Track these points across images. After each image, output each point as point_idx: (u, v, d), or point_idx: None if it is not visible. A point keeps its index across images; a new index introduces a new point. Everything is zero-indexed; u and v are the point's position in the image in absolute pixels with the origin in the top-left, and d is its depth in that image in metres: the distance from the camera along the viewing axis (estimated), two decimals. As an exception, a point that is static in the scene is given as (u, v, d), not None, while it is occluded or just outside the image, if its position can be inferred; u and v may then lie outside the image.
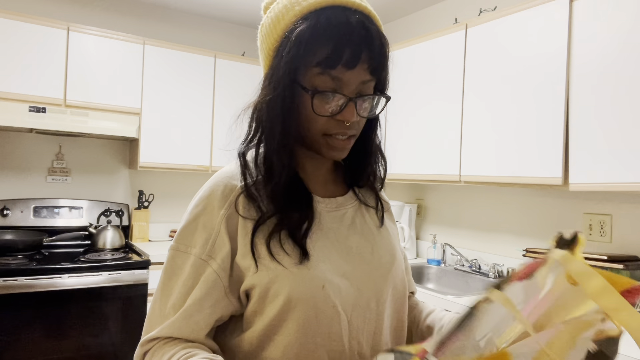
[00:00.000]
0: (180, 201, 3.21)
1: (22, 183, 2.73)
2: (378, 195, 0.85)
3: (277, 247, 0.68)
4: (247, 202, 0.70)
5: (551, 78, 1.82)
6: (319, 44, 0.64)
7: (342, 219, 0.77)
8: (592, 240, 1.99)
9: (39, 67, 2.45)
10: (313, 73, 0.66)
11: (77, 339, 2.22)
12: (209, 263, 0.68)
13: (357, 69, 0.65)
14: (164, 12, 3.18)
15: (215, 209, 0.70)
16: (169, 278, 0.70)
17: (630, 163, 1.58)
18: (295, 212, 0.70)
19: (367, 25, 0.66)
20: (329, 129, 0.69)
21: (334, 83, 0.66)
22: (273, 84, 0.68)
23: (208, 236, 0.69)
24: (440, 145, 2.31)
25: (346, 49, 0.64)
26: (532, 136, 1.89)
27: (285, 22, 0.68)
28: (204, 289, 0.67)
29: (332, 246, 0.72)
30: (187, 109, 2.90)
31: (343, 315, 0.69)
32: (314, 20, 0.65)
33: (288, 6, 0.68)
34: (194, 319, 0.67)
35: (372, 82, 0.69)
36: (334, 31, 0.64)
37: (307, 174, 0.77)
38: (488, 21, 2.09)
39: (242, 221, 0.69)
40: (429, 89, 2.39)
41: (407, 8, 2.96)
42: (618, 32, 1.63)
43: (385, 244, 0.80)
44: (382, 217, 0.83)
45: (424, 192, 2.90)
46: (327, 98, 0.67)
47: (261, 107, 0.70)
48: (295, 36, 0.66)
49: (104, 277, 2.30)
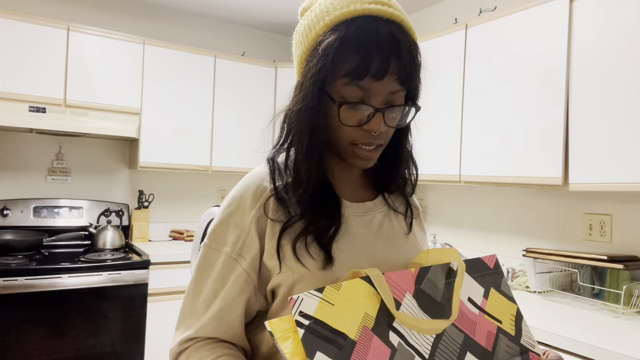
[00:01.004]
0: (180, 201, 3.21)
1: (22, 183, 2.73)
2: (408, 201, 0.85)
3: (303, 250, 0.69)
4: (277, 205, 0.71)
5: (551, 78, 1.82)
6: (347, 55, 0.65)
7: (370, 224, 0.77)
8: (592, 240, 1.99)
9: (39, 67, 2.45)
10: (341, 83, 0.66)
11: (77, 339, 2.23)
12: (239, 262, 0.70)
13: (385, 80, 0.65)
14: (164, 12, 3.18)
15: (246, 209, 0.71)
16: (200, 274, 0.72)
17: (630, 163, 1.58)
18: (323, 217, 0.71)
19: (397, 36, 0.66)
20: (356, 139, 0.69)
21: (362, 93, 0.66)
22: (303, 92, 0.69)
23: (239, 235, 0.70)
24: (440, 145, 2.31)
25: (374, 60, 0.64)
26: (532, 136, 1.89)
27: (317, 32, 0.69)
28: (237, 288, 0.69)
29: (358, 251, 0.73)
30: (187, 109, 2.90)
31: None
32: (343, 31, 0.66)
33: (319, 15, 0.69)
34: (229, 317, 0.69)
35: (402, 92, 0.69)
36: (362, 42, 0.64)
37: (336, 179, 0.78)
38: (488, 21, 2.09)
39: (270, 223, 0.70)
40: (429, 88, 2.39)
41: (407, 8, 2.96)
42: (618, 32, 1.63)
43: (412, 250, 0.81)
44: (411, 224, 0.84)
45: (424, 192, 2.90)
46: (354, 108, 0.67)
47: (291, 115, 0.71)
48: (324, 48, 0.66)
49: (104, 277, 2.30)
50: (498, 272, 0.75)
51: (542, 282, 1.97)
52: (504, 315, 0.70)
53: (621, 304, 1.70)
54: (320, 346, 0.52)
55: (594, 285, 1.87)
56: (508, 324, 0.69)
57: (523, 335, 0.70)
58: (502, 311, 0.70)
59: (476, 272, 0.72)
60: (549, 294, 1.97)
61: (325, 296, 0.56)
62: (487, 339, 0.66)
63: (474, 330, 0.65)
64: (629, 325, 1.56)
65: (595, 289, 1.88)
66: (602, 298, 1.83)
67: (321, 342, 0.52)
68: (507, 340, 0.67)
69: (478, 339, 0.65)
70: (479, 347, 0.64)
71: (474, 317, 0.66)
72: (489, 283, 0.72)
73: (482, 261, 0.74)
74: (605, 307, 1.77)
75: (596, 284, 1.87)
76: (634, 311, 1.72)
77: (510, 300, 0.73)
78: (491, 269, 0.74)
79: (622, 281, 1.75)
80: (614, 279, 1.78)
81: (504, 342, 0.67)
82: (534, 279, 1.97)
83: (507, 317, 0.70)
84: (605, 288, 1.80)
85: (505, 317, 0.70)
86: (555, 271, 2.00)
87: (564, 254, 1.83)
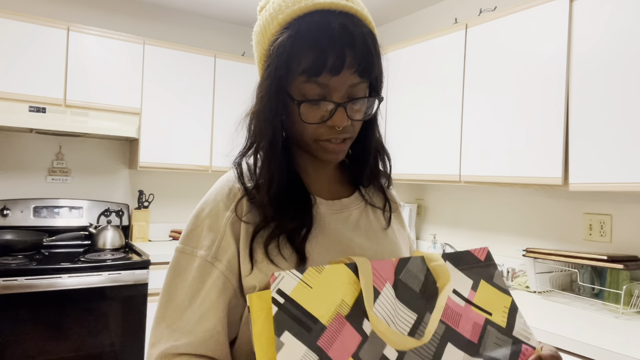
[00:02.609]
0: (180, 201, 3.21)
1: (22, 183, 2.73)
2: (386, 195, 0.84)
3: (275, 251, 0.68)
4: (250, 206, 0.70)
5: (551, 78, 1.82)
6: (302, 52, 0.64)
7: (347, 220, 0.76)
8: (592, 240, 1.99)
9: (39, 67, 2.45)
10: (300, 81, 0.65)
11: (77, 339, 2.22)
12: (215, 265, 0.68)
13: (343, 73, 0.64)
14: (164, 12, 3.18)
15: (220, 212, 0.70)
16: (173, 279, 0.70)
17: (630, 163, 1.58)
18: (294, 217, 0.69)
19: (350, 28, 0.64)
20: (321, 135, 0.69)
21: (321, 90, 0.65)
22: (262, 94, 0.68)
23: (214, 238, 0.69)
24: (440, 145, 2.31)
25: (329, 55, 0.63)
26: (532, 136, 1.89)
27: (271, 31, 0.68)
28: (215, 292, 0.67)
29: (334, 249, 0.72)
30: (187, 108, 2.90)
31: None
32: (295, 29, 0.65)
33: (273, 14, 0.68)
34: (210, 323, 0.66)
35: (363, 84, 0.68)
36: (315, 38, 0.63)
37: (309, 176, 0.77)
38: (488, 21, 2.09)
39: (244, 225, 0.69)
40: (429, 88, 2.39)
41: (407, 8, 2.96)
42: (618, 32, 1.63)
43: (391, 245, 0.79)
44: (389, 218, 0.83)
45: (424, 192, 2.90)
46: (315, 105, 0.66)
47: (252, 117, 0.71)
48: (278, 47, 0.65)
49: (104, 277, 2.30)
50: (490, 264, 0.75)
51: (542, 282, 1.97)
52: (495, 307, 0.69)
53: (621, 304, 1.70)
54: (290, 326, 0.53)
55: (594, 285, 1.87)
56: (499, 316, 0.69)
57: (516, 327, 0.69)
58: (494, 303, 0.70)
59: (464, 265, 0.71)
60: (549, 294, 1.97)
61: (305, 278, 0.56)
62: (473, 330, 0.65)
63: (458, 321, 0.65)
64: (629, 325, 1.56)
65: (595, 289, 1.88)
66: (602, 298, 1.83)
67: (292, 322, 0.53)
68: (496, 332, 0.67)
69: (461, 331, 0.64)
70: (462, 338, 0.63)
71: (459, 309, 0.66)
72: (479, 275, 0.72)
73: (472, 254, 0.73)
74: (605, 307, 1.77)
75: (596, 284, 1.87)
76: (634, 311, 1.72)
77: (504, 292, 0.72)
78: (482, 261, 0.74)
79: (622, 281, 1.76)
80: (614, 279, 1.78)
81: (493, 333, 0.66)
82: (534, 279, 1.97)
83: (498, 309, 0.69)
84: (605, 288, 1.80)
85: (496, 309, 0.69)
86: (555, 271, 2.00)
87: (564, 254, 1.83)
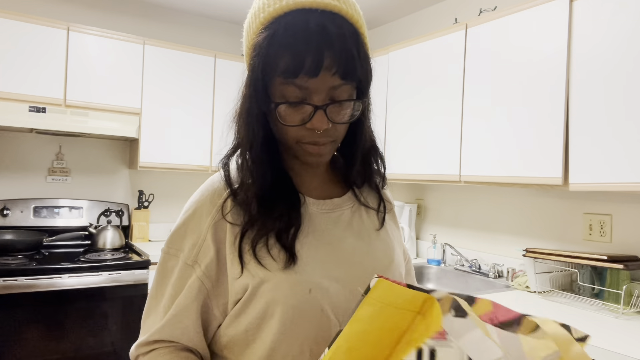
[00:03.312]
0: (180, 201, 3.21)
1: (22, 183, 2.73)
2: (380, 195, 0.82)
3: (264, 251, 0.67)
4: (235, 207, 0.69)
5: (551, 77, 1.82)
6: (279, 54, 0.62)
7: (338, 220, 0.75)
8: (592, 240, 1.99)
9: (39, 67, 2.45)
10: (278, 83, 0.63)
11: (77, 339, 2.22)
12: (194, 268, 0.69)
13: (321, 75, 0.61)
14: (164, 12, 3.18)
15: (203, 215, 0.70)
16: (161, 279, 0.72)
17: (630, 163, 1.58)
18: (282, 216, 0.68)
19: (329, 28, 0.61)
20: (302, 137, 0.66)
21: (301, 92, 0.63)
22: (243, 94, 0.68)
23: (195, 242, 0.69)
24: (440, 145, 2.31)
25: (306, 56, 0.60)
26: (532, 136, 1.89)
27: (254, 30, 0.66)
28: (189, 296, 0.68)
29: (324, 249, 0.71)
30: (187, 109, 2.90)
31: (334, 319, 0.67)
32: (273, 29, 0.63)
33: (256, 13, 0.66)
34: (183, 323, 0.68)
35: (346, 86, 0.64)
36: (292, 39, 0.61)
37: (299, 176, 0.76)
38: (488, 21, 2.09)
39: (230, 227, 0.68)
40: (429, 88, 2.39)
41: (407, 8, 2.96)
42: (618, 32, 1.63)
43: (383, 246, 0.78)
44: (383, 219, 0.81)
45: (424, 192, 2.90)
46: (295, 108, 0.64)
47: (236, 117, 0.70)
48: (256, 48, 0.64)
49: (104, 277, 2.30)
50: None
51: (542, 282, 1.97)
52: None
53: (621, 304, 1.70)
54: None
55: (594, 285, 1.87)
56: None
57: None
58: None
59: None
60: (549, 294, 1.97)
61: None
62: None
63: None
64: (629, 325, 1.56)
65: (595, 289, 1.88)
66: (602, 298, 1.83)
67: None
68: None
69: None
70: None
71: None
72: None
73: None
74: (605, 307, 1.77)
75: (596, 284, 1.87)
76: (634, 311, 1.72)
77: None
78: None
79: (622, 281, 1.75)
80: (614, 279, 1.78)
81: None
82: (534, 279, 1.97)
83: None
84: (605, 288, 1.80)
85: None
86: (555, 271, 2.00)
87: (564, 254, 1.83)
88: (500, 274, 2.33)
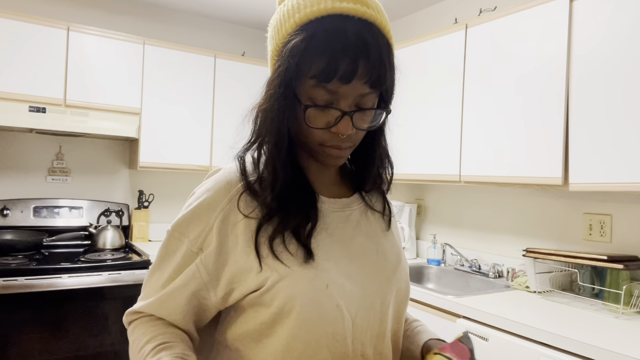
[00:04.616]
0: (180, 201, 3.21)
1: (22, 183, 2.73)
2: (386, 199, 0.85)
3: (281, 247, 0.68)
4: (250, 201, 0.70)
5: (551, 78, 1.82)
6: (314, 57, 0.63)
7: (348, 219, 0.77)
8: (592, 240, 1.99)
9: (39, 67, 2.45)
10: (309, 85, 0.64)
11: (77, 339, 2.22)
12: (199, 255, 0.70)
13: (353, 83, 0.63)
14: (164, 12, 3.18)
15: (213, 204, 0.70)
16: (162, 258, 0.73)
17: (630, 163, 1.58)
18: (299, 212, 0.69)
19: (366, 37, 0.63)
20: (325, 141, 0.68)
21: (330, 96, 0.65)
22: (270, 92, 0.68)
23: (202, 230, 0.70)
24: (440, 145, 2.31)
25: (341, 62, 0.62)
26: (532, 136, 1.89)
27: (286, 29, 0.67)
28: (184, 279, 0.70)
29: (337, 246, 0.72)
30: (187, 109, 2.90)
31: (347, 315, 0.69)
32: (311, 31, 0.64)
33: (290, 12, 0.67)
34: (171, 303, 0.71)
35: (372, 94, 0.67)
36: (329, 44, 0.62)
37: (312, 175, 0.77)
38: (488, 21, 2.09)
39: (245, 220, 0.69)
40: (429, 89, 2.39)
41: (407, 8, 2.96)
42: (618, 32, 1.63)
43: (391, 246, 0.80)
44: (389, 221, 0.83)
45: (424, 192, 2.90)
46: (322, 111, 0.66)
47: (259, 113, 0.70)
48: (291, 48, 0.64)
49: (104, 277, 2.30)
50: None
51: (542, 282, 1.97)
52: None
53: (621, 304, 1.70)
54: None
55: (594, 285, 1.87)
56: None
57: None
58: None
59: None
60: (549, 294, 1.97)
61: None
62: None
63: None
64: (629, 325, 1.56)
65: (595, 289, 1.88)
66: (602, 298, 1.83)
67: None
68: None
69: None
70: None
71: None
72: None
73: None
74: (605, 307, 1.77)
75: (596, 284, 1.87)
76: (634, 311, 1.72)
77: None
78: None
79: (622, 281, 1.75)
80: (614, 279, 1.78)
81: None
82: (534, 279, 1.97)
83: None
84: (605, 288, 1.80)
85: None
86: (555, 271, 2.00)
87: (564, 254, 1.83)
88: (500, 274, 2.33)
